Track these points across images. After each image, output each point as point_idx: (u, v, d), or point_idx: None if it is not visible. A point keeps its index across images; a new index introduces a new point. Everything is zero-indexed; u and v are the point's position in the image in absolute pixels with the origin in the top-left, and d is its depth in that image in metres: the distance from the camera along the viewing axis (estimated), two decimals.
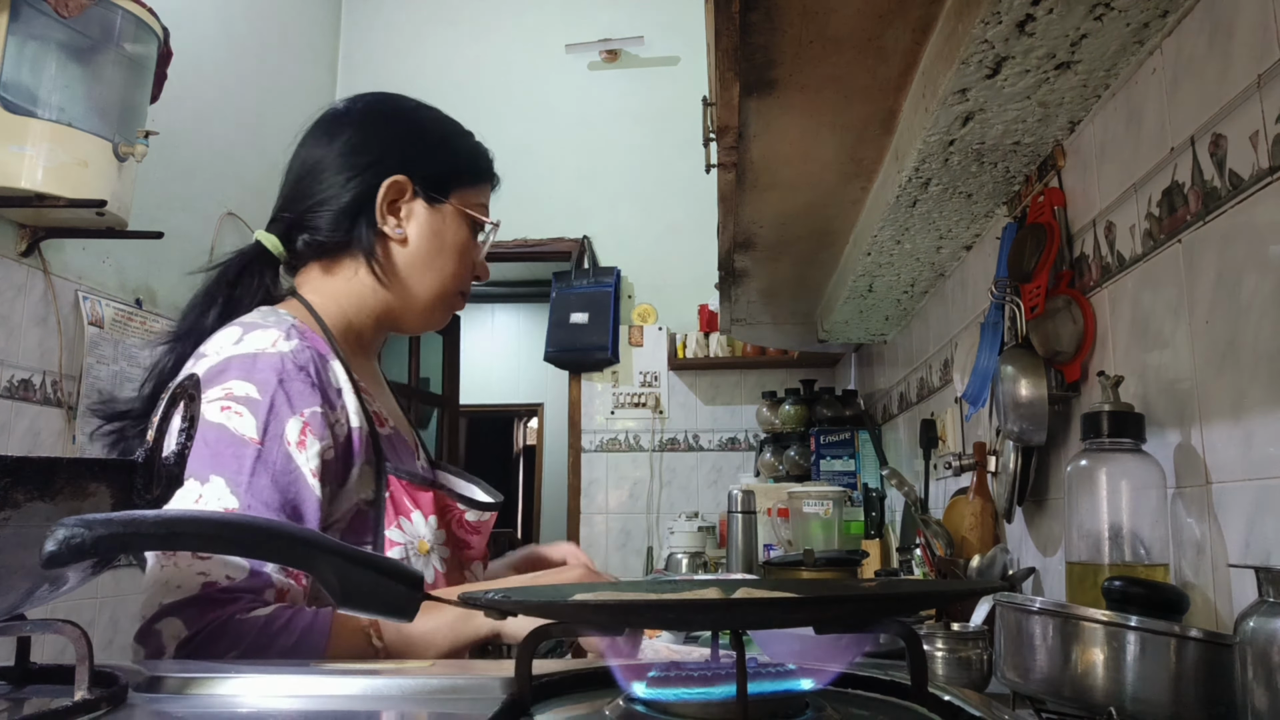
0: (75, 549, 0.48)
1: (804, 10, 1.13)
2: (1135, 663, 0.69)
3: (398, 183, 1.04)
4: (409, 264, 1.06)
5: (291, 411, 0.89)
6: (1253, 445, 0.87)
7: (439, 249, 1.06)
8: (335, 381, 0.96)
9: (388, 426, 1.02)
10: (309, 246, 1.05)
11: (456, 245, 1.08)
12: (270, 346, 0.91)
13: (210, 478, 0.85)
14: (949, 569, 1.55)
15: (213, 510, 0.83)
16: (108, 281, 2.76)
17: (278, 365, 0.90)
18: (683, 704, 0.52)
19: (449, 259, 1.07)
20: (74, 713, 0.57)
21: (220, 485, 0.84)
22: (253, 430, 0.87)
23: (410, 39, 4.47)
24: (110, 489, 0.64)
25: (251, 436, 0.87)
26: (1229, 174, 0.90)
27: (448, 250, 1.07)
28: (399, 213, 1.05)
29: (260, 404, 0.88)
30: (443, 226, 1.07)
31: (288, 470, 0.87)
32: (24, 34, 2.19)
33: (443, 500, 1.03)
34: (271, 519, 0.76)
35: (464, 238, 1.09)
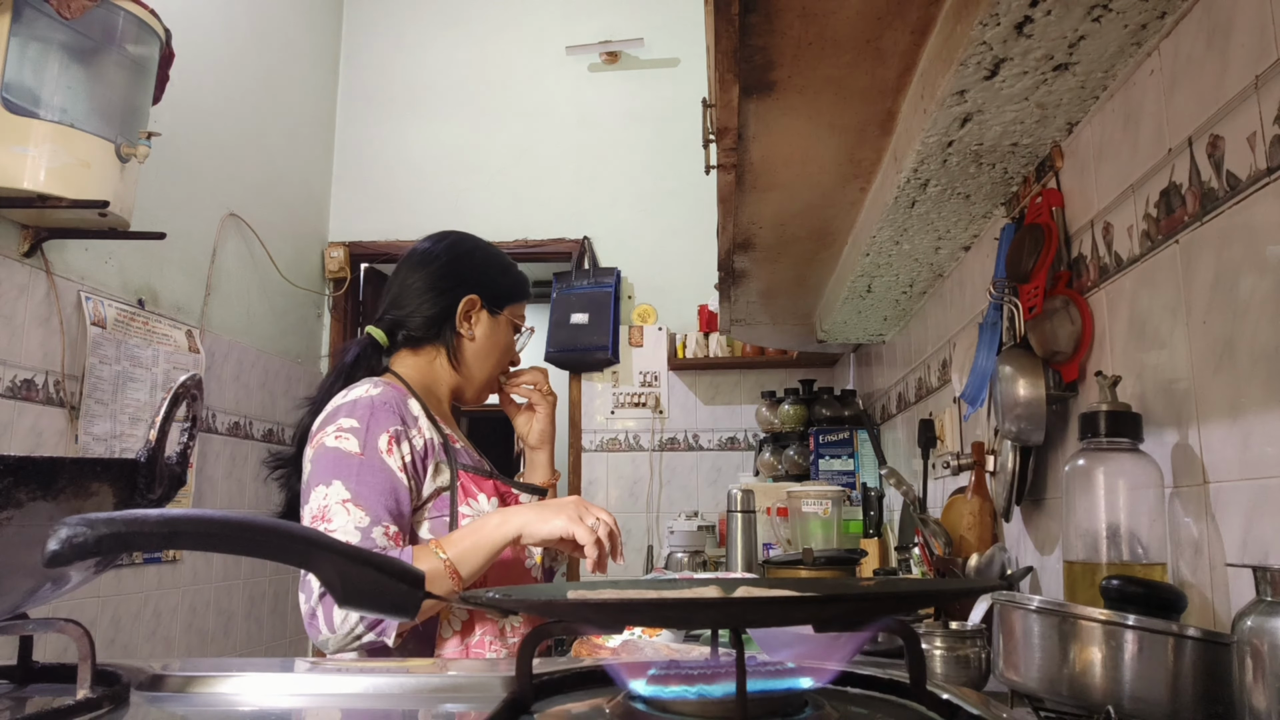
0: (78, 548, 0.49)
1: (803, 12, 1.13)
2: (1133, 661, 0.69)
3: (472, 298, 1.45)
4: (473, 355, 1.47)
5: (381, 430, 1.26)
6: (1250, 445, 0.87)
7: (494, 345, 1.48)
8: (413, 411, 1.33)
9: (459, 444, 1.40)
10: (405, 339, 1.44)
11: (505, 344, 1.50)
12: (364, 394, 1.30)
13: (333, 481, 1.21)
14: (947, 568, 1.55)
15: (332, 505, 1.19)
16: (110, 282, 2.77)
17: (369, 403, 1.28)
18: (682, 702, 0.52)
19: (499, 352, 1.49)
20: (76, 711, 0.57)
21: (339, 485, 1.21)
22: (356, 448, 1.24)
23: (412, 41, 4.47)
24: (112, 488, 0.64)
25: (356, 452, 1.24)
26: (1226, 175, 0.91)
27: (499, 347, 1.48)
28: (470, 320, 1.46)
29: (360, 429, 1.25)
30: (497, 330, 1.48)
31: (384, 468, 1.24)
32: (26, 35, 2.20)
33: (500, 487, 1.39)
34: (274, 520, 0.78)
35: (509, 339, 1.50)
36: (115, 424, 2.68)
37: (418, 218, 4.24)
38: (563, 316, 3.98)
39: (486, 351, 1.46)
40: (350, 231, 4.29)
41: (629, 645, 1.26)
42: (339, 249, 4.22)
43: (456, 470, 1.34)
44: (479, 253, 1.51)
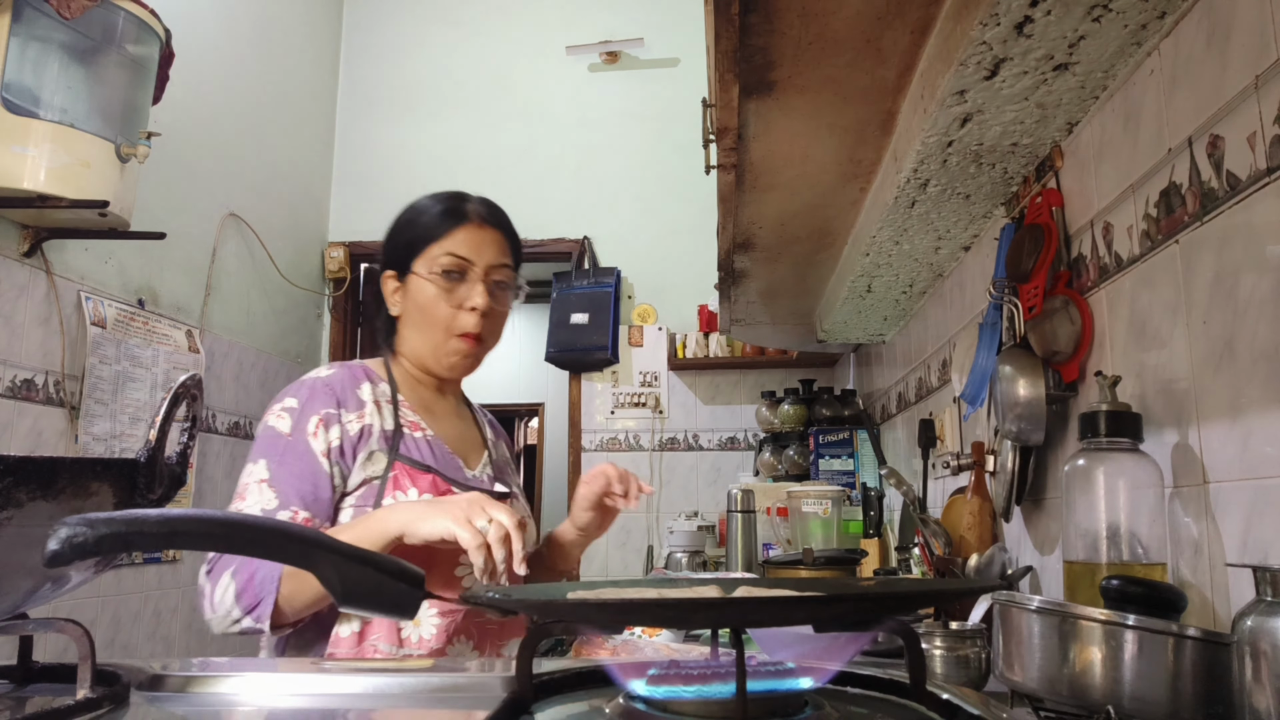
0: (78, 548, 0.49)
1: (803, 12, 1.13)
2: (1133, 661, 0.69)
3: (387, 277, 1.36)
4: (405, 331, 1.34)
5: (313, 412, 1.22)
6: (1250, 445, 0.87)
7: (416, 312, 1.32)
8: (361, 395, 1.26)
9: (423, 433, 1.29)
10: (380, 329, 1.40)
11: (424, 302, 1.30)
12: (315, 375, 1.27)
13: (259, 459, 1.19)
14: (947, 568, 1.55)
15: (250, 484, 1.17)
16: (110, 282, 2.77)
17: (312, 384, 1.25)
18: (682, 702, 0.52)
19: (423, 317, 1.31)
20: (76, 711, 0.57)
21: (263, 464, 1.19)
22: (287, 428, 1.21)
23: (411, 41, 4.47)
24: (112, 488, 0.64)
25: (286, 433, 1.21)
26: (1226, 175, 0.91)
27: (421, 311, 1.31)
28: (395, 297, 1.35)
29: (295, 409, 1.22)
30: (411, 295, 1.32)
31: (307, 452, 1.20)
32: (26, 35, 2.20)
33: (441, 484, 1.26)
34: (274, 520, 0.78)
35: (428, 294, 1.30)
36: (115, 424, 2.68)
37: None
38: (563, 316, 3.98)
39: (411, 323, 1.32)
40: (350, 231, 4.29)
41: (629, 645, 1.26)
42: (339, 249, 4.22)
43: (393, 460, 1.23)
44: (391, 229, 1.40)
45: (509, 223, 1.40)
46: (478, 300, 1.29)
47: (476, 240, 1.32)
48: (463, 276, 1.30)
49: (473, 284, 1.30)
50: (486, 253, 1.32)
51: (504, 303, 1.35)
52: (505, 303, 1.35)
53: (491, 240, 1.34)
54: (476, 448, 1.39)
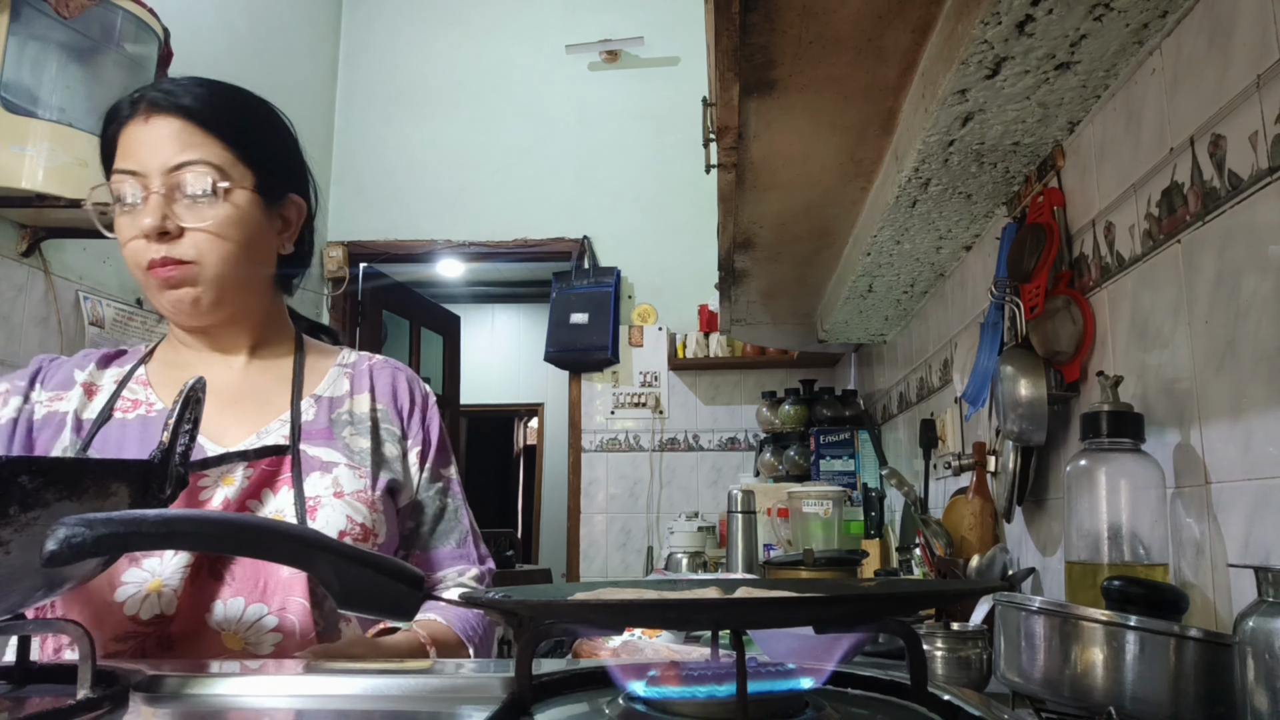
0: (76, 548, 0.49)
1: (804, 11, 1.13)
2: (1135, 662, 0.69)
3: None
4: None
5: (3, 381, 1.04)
6: (1252, 445, 0.87)
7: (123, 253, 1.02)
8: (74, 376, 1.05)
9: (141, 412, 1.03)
10: None
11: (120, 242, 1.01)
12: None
13: None
14: (948, 569, 1.55)
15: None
16: (108, 282, 2.77)
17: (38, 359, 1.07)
18: (683, 703, 0.52)
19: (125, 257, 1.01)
20: (76, 712, 0.57)
21: None
22: None
23: (411, 40, 4.47)
24: (129, 489, 0.64)
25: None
26: (1228, 174, 0.90)
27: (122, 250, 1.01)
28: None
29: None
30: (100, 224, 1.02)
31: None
32: (25, 34, 2.19)
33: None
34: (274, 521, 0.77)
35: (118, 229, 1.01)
36: None
37: (417, 218, 4.24)
38: (562, 316, 3.98)
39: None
40: (349, 231, 4.29)
41: (629, 646, 1.26)
42: (338, 249, 4.22)
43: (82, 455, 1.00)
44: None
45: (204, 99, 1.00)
46: (145, 220, 0.96)
47: (145, 140, 0.97)
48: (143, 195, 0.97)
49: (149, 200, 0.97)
50: (161, 152, 0.97)
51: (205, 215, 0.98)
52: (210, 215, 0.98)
53: (165, 134, 0.97)
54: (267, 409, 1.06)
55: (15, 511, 0.57)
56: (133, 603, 0.90)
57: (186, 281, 0.99)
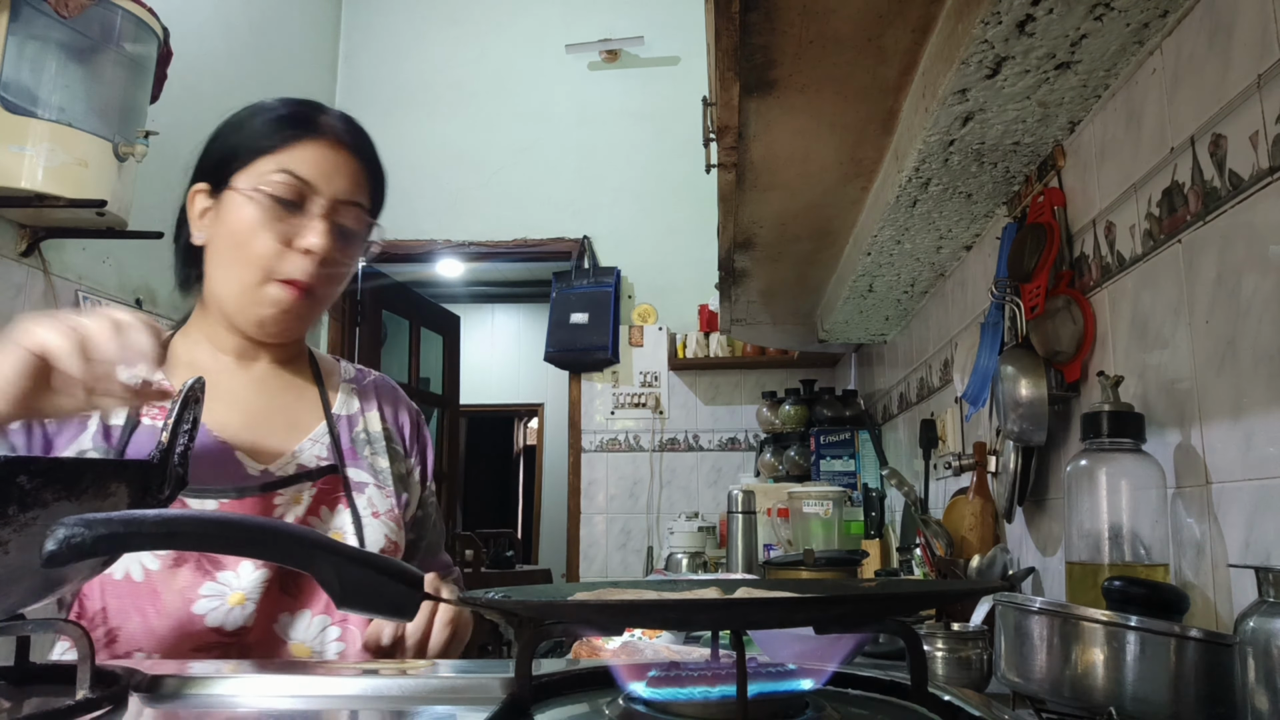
0: (75, 548, 0.49)
1: (804, 10, 1.13)
2: (1135, 663, 0.69)
3: (194, 192, 1.01)
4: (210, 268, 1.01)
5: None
6: (1252, 445, 0.87)
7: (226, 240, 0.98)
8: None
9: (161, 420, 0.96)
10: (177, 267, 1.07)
11: (240, 231, 0.96)
12: None
13: None
14: (949, 569, 1.55)
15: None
16: (108, 281, 2.77)
17: None
18: (683, 704, 0.52)
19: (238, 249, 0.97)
20: (76, 712, 0.57)
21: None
22: None
23: (411, 39, 4.47)
24: (129, 489, 0.64)
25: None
26: (1229, 174, 0.90)
27: (236, 239, 0.97)
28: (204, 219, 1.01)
29: None
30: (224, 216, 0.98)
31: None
32: (24, 34, 2.19)
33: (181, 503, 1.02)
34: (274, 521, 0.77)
35: (245, 219, 0.96)
36: None
37: (417, 217, 4.24)
38: (562, 316, 3.98)
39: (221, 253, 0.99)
40: None
41: (629, 647, 1.25)
42: None
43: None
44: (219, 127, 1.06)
45: (374, 152, 1.08)
46: (314, 239, 0.96)
47: (327, 162, 0.99)
48: (300, 206, 0.97)
49: (311, 217, 0.97)
50: (337, 181, 1.00)
51: (349, 255, 1.02)
52: (351, 255, 1.03)
53: (346, 167, 1.02)
54: (297, 427, 1.06)
55: (14, 512, 0.57)
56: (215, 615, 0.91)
57: (300, 304, 1.00)
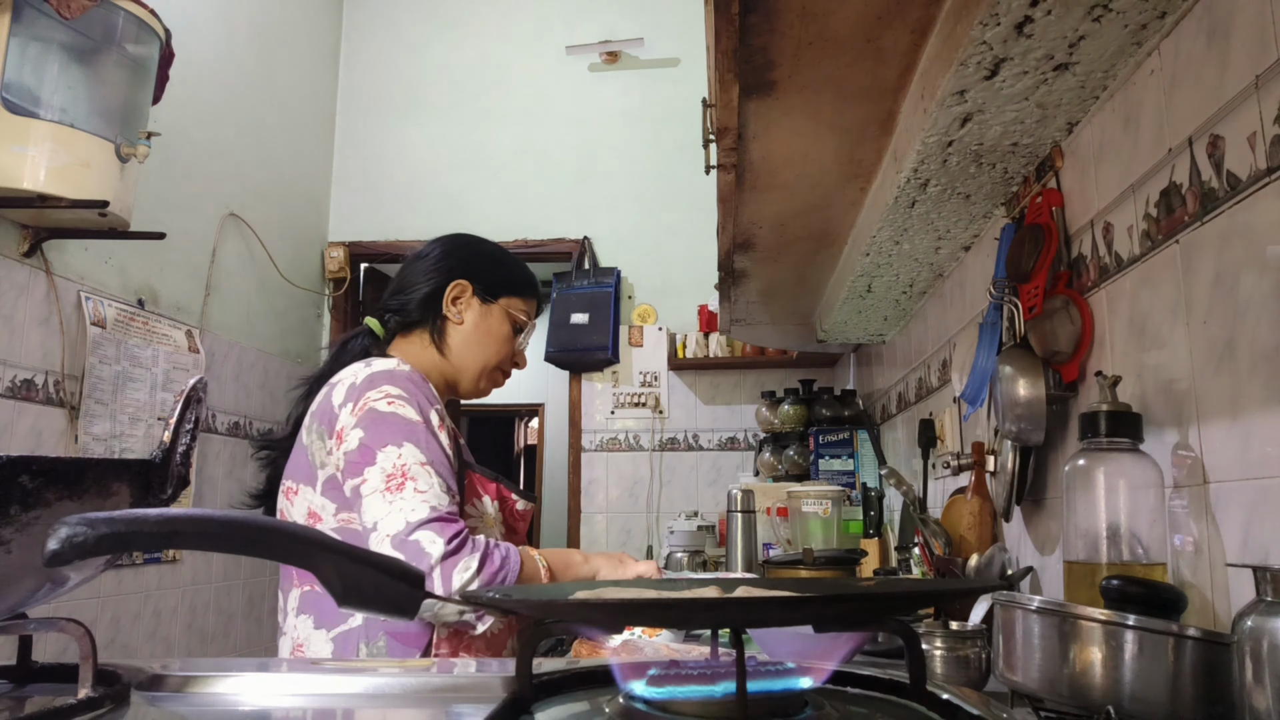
0: (78, 547, 0.49)
1: (803, 12, 1.13)
2: (1133, 662, 0.69)
3: (460, 283, 1.43)
4: (460, 342, 1.43)
5: (429, 404, 1.26)
6: (1250, 445, 0.87)
7: (485, 334, 1.44)
8: (435, 396, 1.30)
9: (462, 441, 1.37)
10: (397, 323, 1.44)
11: (499, 334, 1.45)
12: (395, 366, 1.29)
13: (404, 443, 1.20)
14: (947, 568, 1.55)
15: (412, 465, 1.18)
16: (110, 282, 2.77)
17: (406, 376, 1.28)
18: (682, 702, 0.52)
19: (492, 343, 1.44)
20: (78, 711, 0.57)
21: (412, 448, 1.20)
22: (415, 415, 1.23)
23: (412, 40, 4.47)
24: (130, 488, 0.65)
25: (417, 419, 1.23)
26: (1227, 175, 0.91)
27: (491, 336, 1.44)
28: (458, 304, 1.43)
29: (409, 399, 1.24)
30: (490, 319, 1.44)
31: (441, 444, 1.24)
32: (26, 35, 2.20)
33: (503, 490, 1.37)
34: (273, 520, 0.78)
35: (505, 331, 1.46)
36: (115, 424, 2.68)
37: (418, 218, 4.24)
38: (563, 316, 3.98)
39: (476, 339, 1.43)
40: (350, 231, 4.29)
41: (629, 645, 1.26)
42: (339, 249, 4.22)
43: (464, 468, 1.32)
44: (477, 245, 1.50)
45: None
46: (523, 359, 1.52)
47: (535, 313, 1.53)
48: (522, 333, 1.49)
49: (522, 345, 1.50)
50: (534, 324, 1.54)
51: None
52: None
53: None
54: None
55: (16, 511, 0.57)
56: None
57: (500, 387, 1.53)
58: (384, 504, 1.16)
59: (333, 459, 1.23)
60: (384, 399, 1.23)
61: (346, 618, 1.22)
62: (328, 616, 1.24)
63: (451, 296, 1.43)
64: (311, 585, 1.28)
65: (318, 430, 1.27)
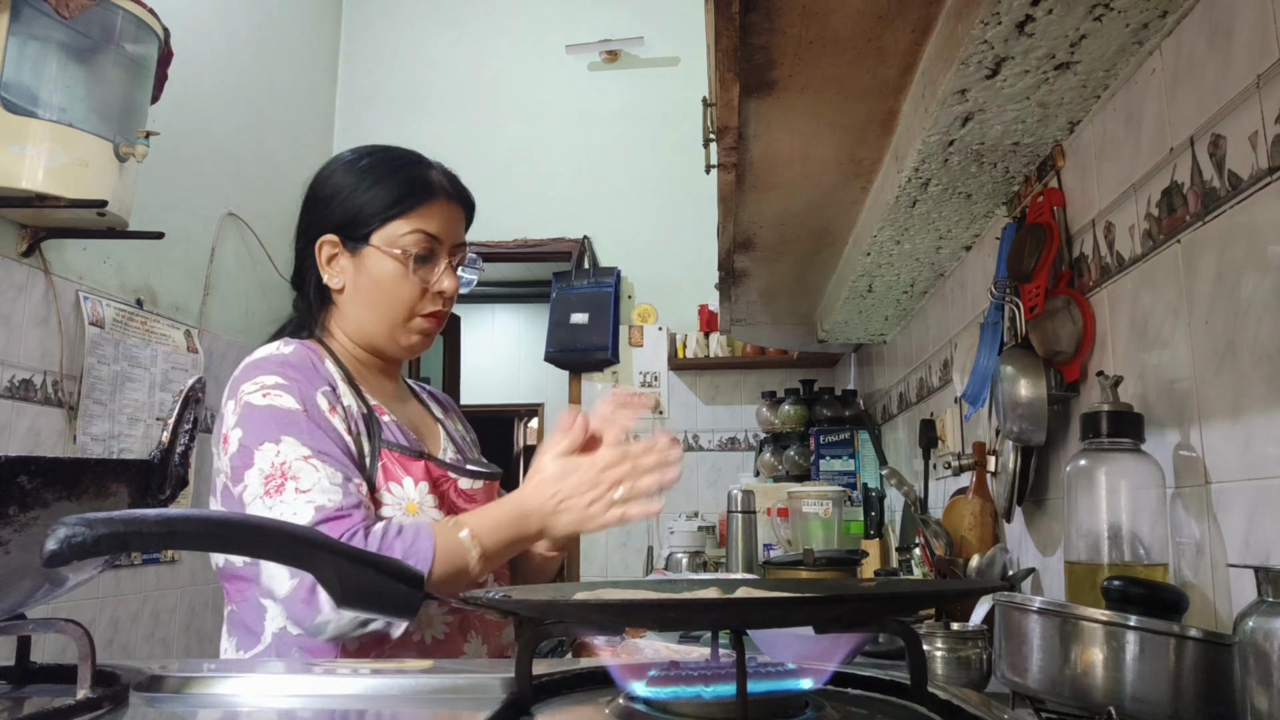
0: (76, 548, 0.49)
1: (804, 11, 1.13)
2: (1134, 662, 0.69)
3: (325, 242, 1.21)
4: (352, 307, 1.22)
5: (313, 388, 1.11)
6: (1252, 445, 0.87)
7: (372, 289, 1.20)
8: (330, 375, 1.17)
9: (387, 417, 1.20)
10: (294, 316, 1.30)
11: (385, 281, 1.19)
12: (275, 351, 1.17)
13: (281, 438, 1.07)
14: (948, 569, 1.55)
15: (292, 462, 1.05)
16: (108, 282, 2.77)
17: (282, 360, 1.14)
18: (683, 703, 0.52)
19: (382, 295, 1.19)
20: (77, 711, 0.57)
21: (292, 441, 1.06)
22: (294, 404, 1.09)
23: (411, 39, 4.47)
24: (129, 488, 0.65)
25: (296, 408, 1.09)
26: (1228, 174, 0.90)
27: (378, 286, 1.19)
28: (334, 266, 1.22)
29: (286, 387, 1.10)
30: (366, 268, 1.20)
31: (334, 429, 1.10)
32: (25, 34, 2.19)
33: (434, 470, 1.18)
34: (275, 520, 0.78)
35: (389, 272, 1.18)
36: (114, 424, 2.68)
37: None
38: (562, 316, 3.98)
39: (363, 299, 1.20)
40: None
41: (628, 646, 1.25)
42: None
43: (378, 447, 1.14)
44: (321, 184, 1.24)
45: (468, 194, 1.28)
46: (447, 284, 1.21)
47: (445, 218, 1.21)
48: (430, 258, 1.20)
49: (439, 264, 1.21)
50: (454, 231, 1.22)
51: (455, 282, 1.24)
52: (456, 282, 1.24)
53: (458, 218, 1.24)
54: (432, 429, 1.30)
55: (14, 511, 0.57)
56: None
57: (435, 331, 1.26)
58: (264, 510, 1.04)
59: (222, 465, 1.14)
60: (259, 391, 1.10)
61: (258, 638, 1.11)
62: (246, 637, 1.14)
63: (325, 260, 1.21)
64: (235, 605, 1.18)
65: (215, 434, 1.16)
